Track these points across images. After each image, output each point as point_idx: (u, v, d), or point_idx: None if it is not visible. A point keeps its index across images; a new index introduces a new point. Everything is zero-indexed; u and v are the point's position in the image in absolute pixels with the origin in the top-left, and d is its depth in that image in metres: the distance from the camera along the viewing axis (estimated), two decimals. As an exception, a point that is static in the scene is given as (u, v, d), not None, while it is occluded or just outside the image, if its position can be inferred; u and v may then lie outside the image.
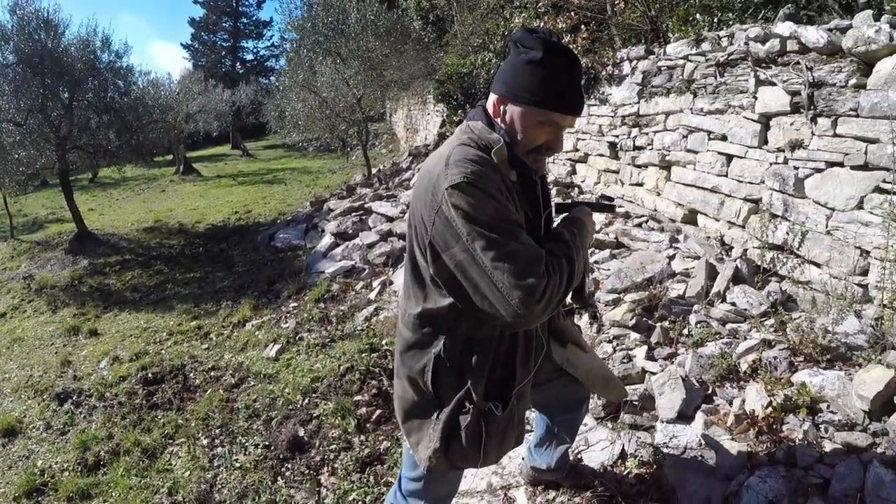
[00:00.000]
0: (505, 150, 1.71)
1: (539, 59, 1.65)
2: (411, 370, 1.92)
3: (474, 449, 1.88)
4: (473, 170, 1.62)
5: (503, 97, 1.75)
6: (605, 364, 2.64)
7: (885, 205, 3.33)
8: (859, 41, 3.55)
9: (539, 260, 1.59)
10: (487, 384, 1.87)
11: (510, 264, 1.56)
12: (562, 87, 1.67)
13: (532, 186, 1.83)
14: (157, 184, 21.85)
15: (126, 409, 4.88)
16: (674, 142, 5.45)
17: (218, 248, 10.90)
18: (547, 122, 1.70)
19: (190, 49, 44.81)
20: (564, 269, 1.64)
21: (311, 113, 14.46)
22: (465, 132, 1.79)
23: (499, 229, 1.59)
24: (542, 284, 1.55)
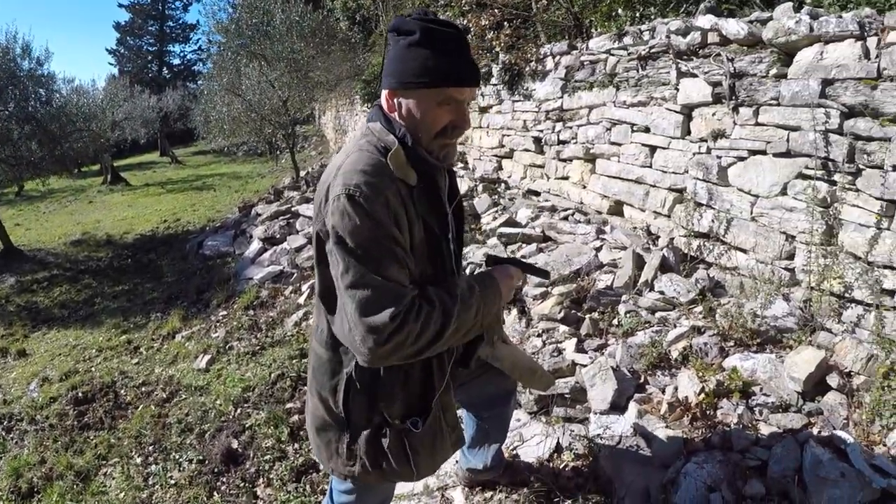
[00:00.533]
0: (401, 153, 1.62)
1: (418, 39, 1.58)
2: (322, 388, 1.84)
3: (404, 466, 1.80)
4: (360, 181, 1.54)
5: (393, 90, 1.66)
6: (529, 356, 2.63)
7: (809, 190, 3.37)
8: (780, 32, 3.59)
9: (396, 300, 1.50)
10: (405, 401, 1.78)
11: (361, 297, 1.51)
12: (449, 60, 1.59)
13: (434, 186, 1.72)
14: (85, 195, 21.10)
15: (58, 432, 4.65)
16: (598, 135, 5.45)
17: (147, 259, 10.66)
18: (444, 101, 1.62)
19: (115, 54, 43.76)
20: (434, 320, 1.56)
21: (237, 117, 14.02)
22: (364, 135, 1.70)
23: (365, 257, 1.52)
24: (391, 328, 1.49)
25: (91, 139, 14.78)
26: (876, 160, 3.07)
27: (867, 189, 3.11)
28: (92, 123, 14.63)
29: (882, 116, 3.05)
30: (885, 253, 3.02)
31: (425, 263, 1.69)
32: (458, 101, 1.64)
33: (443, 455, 1.91)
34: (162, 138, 31.46)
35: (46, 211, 19.04)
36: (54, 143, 12.64)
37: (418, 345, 1.54)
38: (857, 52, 3.20)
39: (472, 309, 1.66)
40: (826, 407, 2.71)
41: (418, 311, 1.53)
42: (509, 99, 7.21)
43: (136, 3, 42.79)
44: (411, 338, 1.52)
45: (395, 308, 1.49)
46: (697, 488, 2.43)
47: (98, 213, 16.71)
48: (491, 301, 1.75)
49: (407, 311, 1.51)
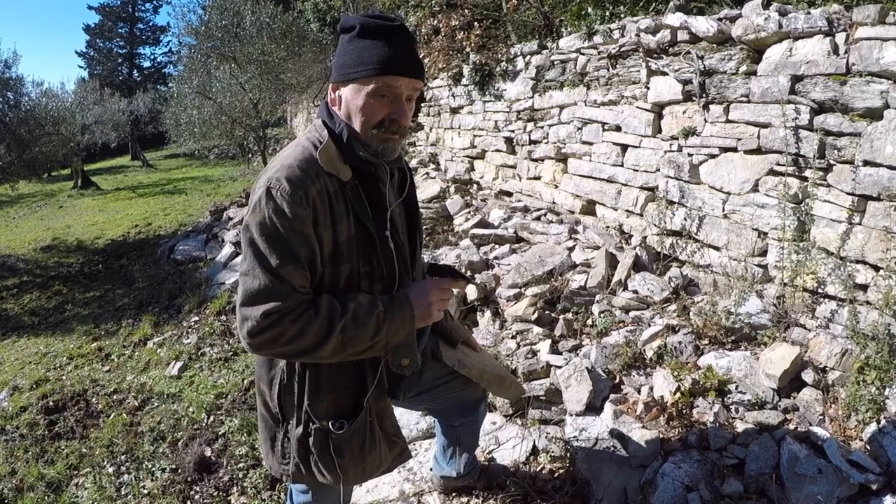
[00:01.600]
0: (332, 148, 1.64)
1: (357, 32, 1.62)
2: (261, 380, 1.84)
3: (329, 469, 1.79)
4: (282, 175, 1.56)
5: (335, 83, 1.70)
6: (498, 363, 2.60)
7: (780, 186, 3.37)
8: (749, 29, 3.60)
9: (277, 298, 1.52)
10: (335, 401, 1.75)
11: (246, 286, 1.55)
12: (386, 50, 1.60)
13: (372, 182, 1.71)
14: (55, 199, 20.56)
15: (28, 442, 4.51)
16: (569, 134, 5.43)
17: (118, 264, 10.39)
18: (380, 91, 1.62)
19: (85, 57, 42.93)
20: (314, 329, 1.56)
21: (208, 120, 13.81)
22: (308, 131, 1.74)
23: (263, 250, 1.54)
24: (263, 323, 1.52)
25: (60, 143, 14.54)
26: (846, 155, 3.07)
27: (838, 184, 3.12)
28: (61, 127, 14.39)
29: (852, 112, 3.06)
30: (857, 248, 3.02)
31: (356, 260, 1.69)
32: (395, 93, 1.63)
33: (375, 464, 1.87)
34: (133, 142, 30.93)
35: (16, 216, 18.58)
36: (23, 148, 12.37)
37: (294, 346, 1.55)
38: (826, 49, 3.21)
39: (366, 328, 1.62)
40: (802, 403, 2.70)
41: (298, 315, 1.54)
42: (480, 99, 7.17)
43: (106, 5, 42.14)
44: (284, 338, 1.53)
45: (273, 305, 1.51)
46: (675, 488, 2.40)
47: (69, 219, 16.26)
48: (398, 323, 1.67)
49: (285, 312, 1.53)
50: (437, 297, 1.78)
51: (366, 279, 1.71)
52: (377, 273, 1.73)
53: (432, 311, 1.77)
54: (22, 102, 13.00)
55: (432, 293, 1.77)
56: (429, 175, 7.96)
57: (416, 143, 9.57)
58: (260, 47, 13.89)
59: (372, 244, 1.70)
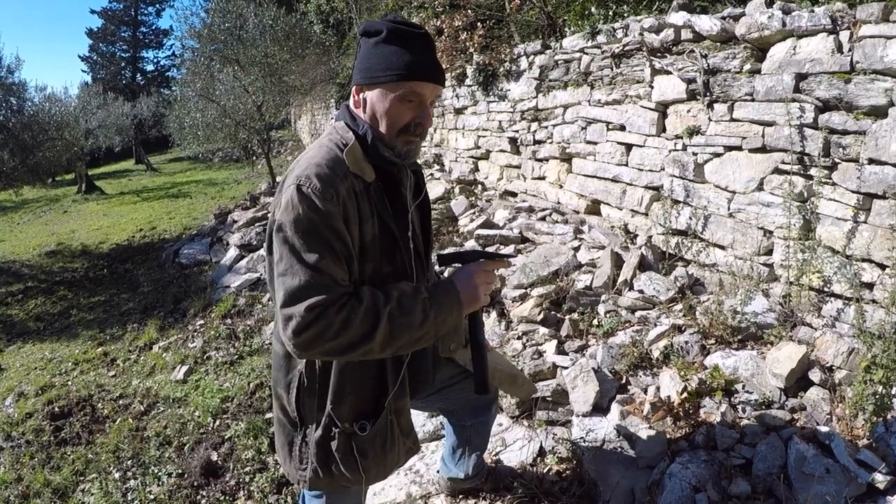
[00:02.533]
0: (358, 149, 1.66)
1: (384, 37, 1.64)
2: (278, 384, 1.83)
3: (352, 470, 1.78)
4: (311, 173, 1.57)
5: (360, 85, 1.71)
6: (509, 362, 2.56)
7: (785, 185, 3.36)
8: (752, 28, 3.59)
9: (319, 291, 1.50)
10: (356, 403, 1.75)
11: (288, 285, 1.52)
12: (412, 57, 1.63)
13: (394, 183, 1.74)
14: (60, 204, 20.58)
15: (34, 448, 4.52)
16: (573, 134, 5.43)
17: (123, 269, 10.40)
18: (407, 96, 1.65)
19: (88, 61, 42.86)
20: (359, 318, 1.53)
21: (212, 123, 13.79)
22: (329, 133, 1.75)
23: (300, 246, 1.53)
24: (308, 318, 1.48)
25: (64, 148, 14.56)
26: (851, 153, 3.07)
27: (843, 183, 3.11)
28: (65, 132, 14.42)
29: (856, 110, 3.05)
30: (863, 246, 3.02)
31: (380, 260, 1.70)
32: (420, 98, 1.67)
33: (394, 461, 1.88)
34: (137, 146, 30.95)
35: (21, 222, 18.63)
36: (27, 153, 12.40)
37: (342, 340, 1.52)
38: (830, 47, 3.21)
39: (412, 315, 1.59)
40: (809, 402, 2.69)
41: (342, 306, 1.52)
42: (484, 100, 7.17)
43: (109, 9, 42.15)
44: (331, 332, 1.50)
45: (316, 299, 1.49)
46: (683, 489, 2.40)
47: (73, 223, 16.30)
48: (447, 309, 1.66)
49: (328, 304, 1.50)
50: (483, 279, 1.75)
51: (389, 279, 1.72)
52: (399, 273, 1.74)
53: (479, 294, 1.74)
54: (25, 107, 13.04)
55: (477, 276, 1.74)
56: (433, 176, 7.96)
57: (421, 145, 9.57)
58: (263, 50, 13.88)
59: (395, 244, 1.73)
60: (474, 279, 1.74)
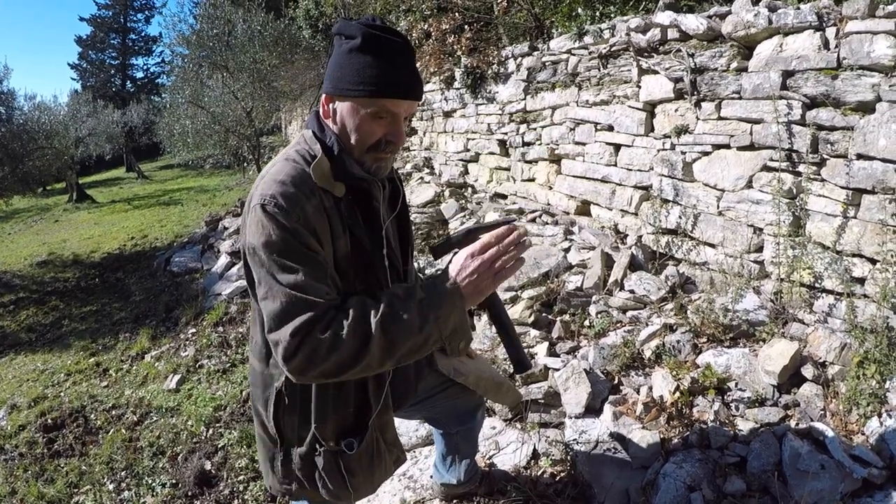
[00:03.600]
0: (325, 164, 1.55)
1: (359, 45, 1.49)
2: (257, 400, 1.77)
3: (341, 488, 1.73)
4: (276, 192, 1.47)
5: (330, 95, 1.59)
6: (495, 369, 2.48)
7: (774, 182, 3.36)
8: (739, 26, 3.60)
9: (302, 311, 1.40)
10: (339, 421, 1.69)
11: (270, 310, 1.44)
12: (388, 70, 1.50)
13: (366, 198, 1.64)
14: (51, 214, 20.45)
15: (28, 461, 4.46)
16: (562, 135, 5.42)
17: (114, 278, 10.29)
18: (379, 113, 1.52)
19: (77, 69, 42.61)
20: (346, 333, 1.40)
21: (201, 130, 13.74)
22: (297, 143, 1.63)
23: (276, 268, 1.44)
24: (294, 342, 1.39)
25: (54, 157, 14.49)
26: (840, 149, 3.07)
27: (832, 178, 3.11)
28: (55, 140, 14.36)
29: (844, 106, 3.06)
30: (853, 241, 3.02)
31: (353, 280, 1.61)
32: (393, 115, 1.54)
33: (381, 475, 1.83)
34: (127, 153, 30.81)
35: (11, 232, 18.46)
36: (16, 162, 12.33)
37: (335, 359, 1.40)
38: (817, 43, 3.21)
39: (408, 320, 1.44)
40: (802, 399, 2.68)
41: (328, 323, 1.41)
42: (473, 102, 7.16)
43: (98, 17, 41.96)
44: (322, 351, 1.39)
45: (299, 321, 1.40)
46: (677, 488, 2.38)
47: (64, 233, 16.17)
48: (447, 306, 1.48)
49: (313, 324, 1.40)
50: (482, 262, 1.50)
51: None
52: (374, 290, 1.64)
53: (482, 280, 1.50)
54: (14, 116, 13.00)
55: (472, 260, 1.51)
56: (423, 180, 7.94)
57: (410, 148, 9.56)
58: (252, 55, 13.86)
59: (368, 261, 1.64)
60: (471, 264, 1.51)
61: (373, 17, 1.55)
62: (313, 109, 1.70)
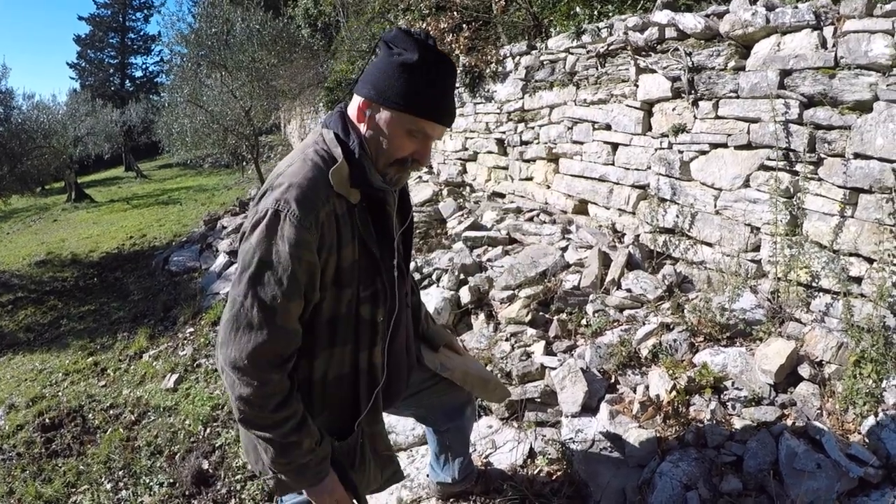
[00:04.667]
0: (345, 170, 1.55)
1: (414, 61, 1.50)
2: None
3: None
4: (292, 197, 1.48)
5: (370, 100, 1.57)
6: (482, 366, 2.52)
7: (771, 181, 3.35)
8: (736, 25, 3.59)
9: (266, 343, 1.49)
10: (329, 421, 1.73)
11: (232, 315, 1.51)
12: (436, 94, 1.54)
13: (381, 207, 1.66)
14: (49, 213, 20.47)
15: (25, 461, 4.49)
16: (559, 134, 5.41)
17: (113, 277, 10.32)
18: (416, 132, 1.57)
19: (76, 68, 42.72)
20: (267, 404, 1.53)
21: (200, 129, 13.70)
22: (315, 143, 1.62)
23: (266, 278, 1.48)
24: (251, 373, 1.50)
25: (53, 156, 14.46)
26: (837, 149, 3.06)
27: (829, 178, 3.10)
28: (53, 140, 14.34)
29: (841, 105, 3.05)
30: (850, 240, 3.01)
31: (358, 285, 1.64)
32: (427, 137, 1.58)
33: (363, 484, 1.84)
34: (126, 153, 30.78)
35: (10, 231, 18.49)
36: (14, 162, 12.33)
37: (236, 402, 1.54)
38: (815, 42, 3.20)
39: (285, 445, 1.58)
40: (799, 398, 2.68)
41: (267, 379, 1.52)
42: (471, 101, 7.15)
43: (97, 16, 41.99)
44: (237, 390, 1.52)
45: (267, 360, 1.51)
46: (673, 487, 2.38)
47: (63, 232, 16.20)
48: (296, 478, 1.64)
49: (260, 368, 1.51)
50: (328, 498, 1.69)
51: (367, 303, 1.67)
52: (380, 297, 1.69)
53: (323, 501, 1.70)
54: (12, 116, 13.00)
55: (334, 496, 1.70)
56: (421, 179, 7.94)
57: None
58: (251, 54, 13.83)
59: (376, 268, 1.66)
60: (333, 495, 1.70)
61: (427, 35, 1.55)
62: (337, 108, 1.69)
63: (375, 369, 1.75)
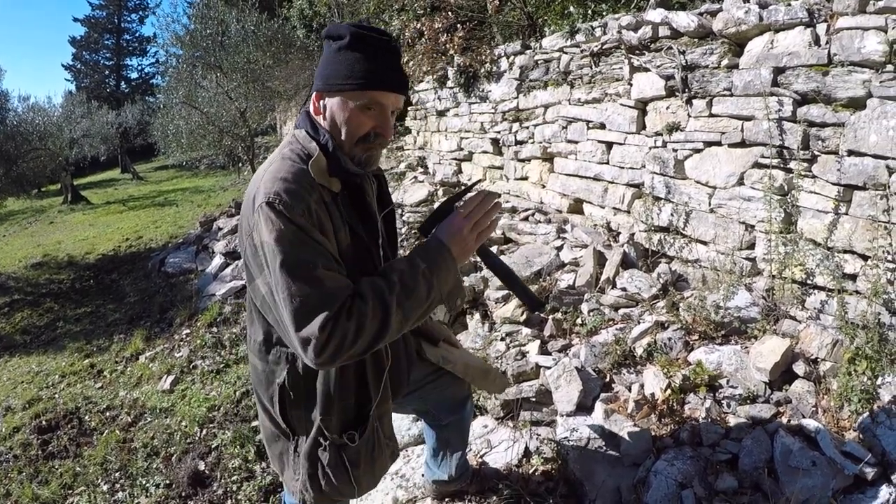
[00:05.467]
0: (322, 161, 1.62)
1: (347, 43, 1.59)
2: (263, 398, 1.82)
3: (344, 482, 1.78)
4: (280, 189, 1.52)
5: (320, 92, 1.67)
6: (479, 358, 2.55)
7: (766, 179, 3.35)
8: (729, 23, 3.59)
9: (324, 305, 1.45)
10: (342, 412, 1.73)
11: (292, 308, 1.46)
12: (375, 64, 1.59)
13: (360, 192, 1.71)
14: (46, 215, 20.21)
15: (22, 462, 4.47)
16: (554, 133, 5.41)
17: (109, 279, 10.25)
18: (367, 105, 1.61)
19: (72, 70, 42.35)
20: (370, 316, 1.48)
21: (195, 130, 13.67)
22: (289, 143, 1.69)
23: (291, 264, 1.48)
24: (323, 337, 1.43)
25: (48, 158, 14.40)
26: (831, 146, 3.06)
27: (823, 175, 3.10)
28: (49, 142, 14.26)
29: (835, 102, 3.05)
30: (845, 238, 3.01)
31: (352, 269, 1.63)
32: (381, 107, 1.62)
33: (381, 468, 1.88)
34: (122, 154, 30.58)
35: (6, 234, 18.22)
36: (10, 164, 12.29)
37: (361, 342, 1.48)
38: (808, 40, 3.20)
39: (417, 291, 1.55)
40: (794, 395, 2.67)
41: (349, 311, 1.47)
42: (466, 101, 7.15)
43: (92, 17, 41.74)
44: (349, 339, 1.45)
45: (325, 315, 1.43)
46: (669, 486, 2.37)
47: (59, 234, 16.06)
48: (444, 269, 1.60)
49: (337, 316, 1.45)
50: (466, 223, 1.65)
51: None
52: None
53: (468, 241, 1.65)
54: (8, 118, 12.97)
55: (458, 222, 1.65)
56: (417, 179, 7.93)
57: (404, 147, 9.55)
58: (246, 55, 13.80)
59: (367, 253, 1.70)
60: (457, 226, 1.65)
61: (361, 21, 1.60)
62: (303, 109, 1.75)
63: (380, 353, 1.77)
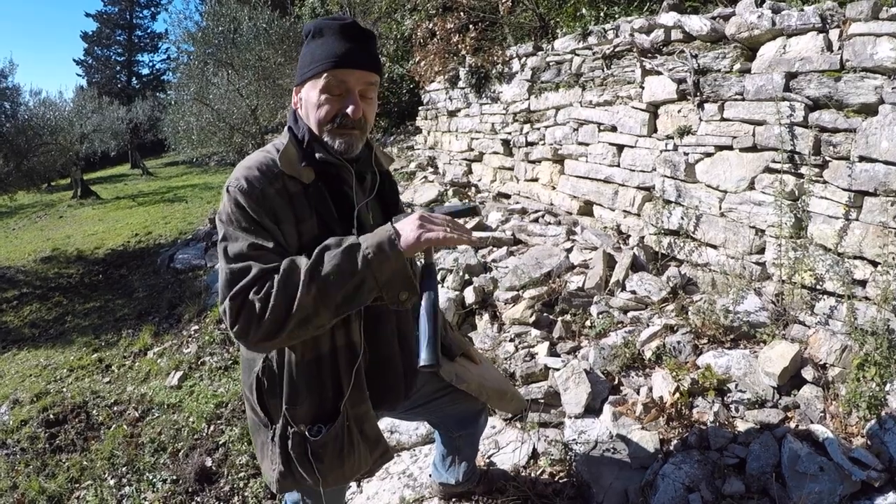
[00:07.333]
0: (291, 151, 1.66)
1: (311, 34, 1.65)
2: (245, 385, 1.84)
3: (308, 472, 1.76)
4: (240, 175, 1.60)
5: (296, 87, 1.73)
6: (499, 375, 2.49)
7: (776, 184, 3.35)
8: (742, 27, 3.59)
9: (239, 279, 1.48)
10: (314, 405, 1.73)
11: (221, 282, 1.54)
12: (335, 45, 1.62)
13: (337, 183, 1.71)
14: (55, 210, 20.35)
15: (29, 456, 4.50)
16: (565, 135, 5.42)
17: (118, 274, 10.32)
18: (331, 86, 1.62)
19: (83, 65, 42.34)
20: (275, 288, 1.46)
21: (206, 127, 13.73)
22: (274, 139, 1.77)
23: (227, 241, 1.56)
24: (235, 308, 1.47)
25: (59, 152, 14.44)
26: (842, 151, 3.06)
27: (834, 180, 3.10)
28: (59, 136, 14.29)
29: (846, 108, 3.05)
30: (855, 243, 3.01)
31: None
32: (346, 87, 1.63)
33: (354, 467, 1.82)
34: (132, 150, 30.64)
35: (16, 227, 18.43)
36: (21, 158, 12.32)
37: (271, 315, 1.44)
38: (820, 45, 3.20)
39: (339, 264, 1.47)
40: (802, 400, 2.68)
41: (261, 283, 1.47)
42: (477, 102, 7.17)
43: (104, 13, 41.76)
44: (257, 312, 1.45)
45: (239, 286, 1.47)
46: (676, 489, 2.38)
47: (68, 228, 16.10)
48: (381, 252, 1.48)
49: (247, 286, 1.47)
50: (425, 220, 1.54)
51: None
52: None
53: (420, 236, 1.51)
54: (19, 112, 12.98)
55: (418, 217, 1.55)
56: (427, 179, 7.95)
57: (415, 147, 9.57)
58: (257, 53, 13.83)
59: None
60: (414, 219, 1.55)
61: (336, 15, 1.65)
62: (290, 106, 1.80)
63: (354, 346, 1.73)
